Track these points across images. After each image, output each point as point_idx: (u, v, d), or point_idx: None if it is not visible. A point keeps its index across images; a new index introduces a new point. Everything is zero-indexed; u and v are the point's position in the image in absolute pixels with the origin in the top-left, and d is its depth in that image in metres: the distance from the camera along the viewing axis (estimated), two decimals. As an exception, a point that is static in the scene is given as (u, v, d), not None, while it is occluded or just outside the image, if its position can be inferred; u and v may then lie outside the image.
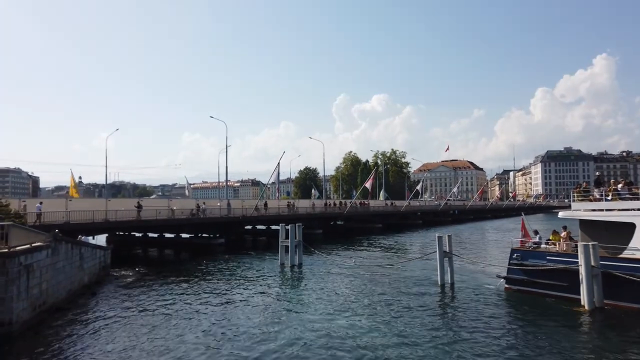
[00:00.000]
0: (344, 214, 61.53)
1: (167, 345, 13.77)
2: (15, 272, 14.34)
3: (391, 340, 13.93)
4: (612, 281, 16.80)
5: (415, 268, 27.49)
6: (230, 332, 15.12)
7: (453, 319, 16.39)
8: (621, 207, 18.35)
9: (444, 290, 21.39)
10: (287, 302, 19.71)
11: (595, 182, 21.44)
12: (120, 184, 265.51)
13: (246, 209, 46.92)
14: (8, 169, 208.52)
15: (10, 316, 14.11)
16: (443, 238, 22.40)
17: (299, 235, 29.93)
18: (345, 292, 21.40)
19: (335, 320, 16.33)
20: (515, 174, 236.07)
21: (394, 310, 17.68)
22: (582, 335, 14.85)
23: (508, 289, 20.48)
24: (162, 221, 37.70)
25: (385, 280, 24.10)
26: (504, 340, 13.88)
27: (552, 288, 18.70)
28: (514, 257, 20.36)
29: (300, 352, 13.05)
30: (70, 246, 20.42)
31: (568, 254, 18.67)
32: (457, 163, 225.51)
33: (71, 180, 45.90)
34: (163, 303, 19.53)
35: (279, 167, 49.03)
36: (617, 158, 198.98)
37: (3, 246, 14.52)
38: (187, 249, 41.22)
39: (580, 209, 19.89)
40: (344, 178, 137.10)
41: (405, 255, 36.33)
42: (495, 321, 15.98)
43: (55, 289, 17.98)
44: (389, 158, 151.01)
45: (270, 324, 16.07)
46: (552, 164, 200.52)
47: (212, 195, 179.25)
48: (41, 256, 16.57)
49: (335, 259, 32.34)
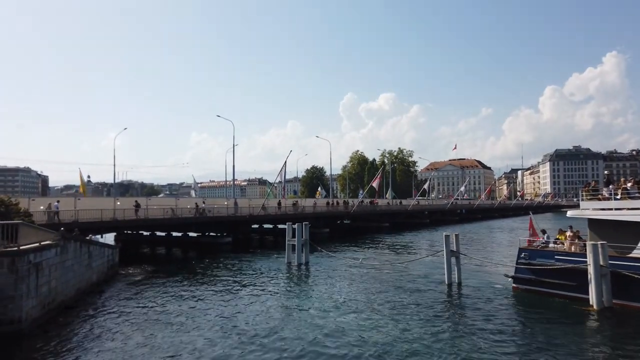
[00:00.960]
0: (350, 213, 61.46)
1: (176, 343, 13.84)
2: (24, 270, 14.48)
3: (397, 338, 13.91)
4: (621, 281, 16.64)
5: (422, 267, 27.40)
6: (238, 329, 15.16)
7: (460, 318, 16.32)
8: (630, 206, 18.17)
9: (451, 289, 21.31)
10: (294, 300, 19.73)
11: (605, 181, 21.25)
12: (128, 183, 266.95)
13: (253, 208, 47.06)
14: (18, 168, 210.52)
15: (20, 314, 14.24)
16: (450, 237, 22.32)
17: (305, 234, 29.95)
18: (351, 290, 21.39)
19: (342, 318, 16.33)
20: (524, 173, 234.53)
21: (400, 309, 17.64)
22: (591, 335, 14.73)
23: (516, 289, 20.36)
24: (168, 220, 37.89)
25: (392, 279, 24.06)
26: (511, 339, 13.80)
27: (560, 288, 18.56)
28: (522, 256, 20.23)
29: (307, 348, 13.07)
30: (79, 245, 20.57)
31: (576, 254, 18.52)
32: (465, 162, 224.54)
33: (80, 179, 46.20)
34: (171, 301, 19.63)
35: (285, 166, 49.10)
36: (627, 157, 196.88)
37: (12, 244, 14.67)
38: (194, 248, 41.43)
39: (589, 208, 19.72)
40: (350, 177, 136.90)
41: (412, 254, 36.24)
42: (502, 321, 15.89)
43: (64, 287, 18.12)
44: (396, 157, 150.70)
45: (278, 321, 16.09)
46: (561, 163, 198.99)
47: (219, 194, 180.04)
48: (50, 254, 16.72)
49: (341, 258, 32.33)
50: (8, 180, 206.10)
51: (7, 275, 14.10)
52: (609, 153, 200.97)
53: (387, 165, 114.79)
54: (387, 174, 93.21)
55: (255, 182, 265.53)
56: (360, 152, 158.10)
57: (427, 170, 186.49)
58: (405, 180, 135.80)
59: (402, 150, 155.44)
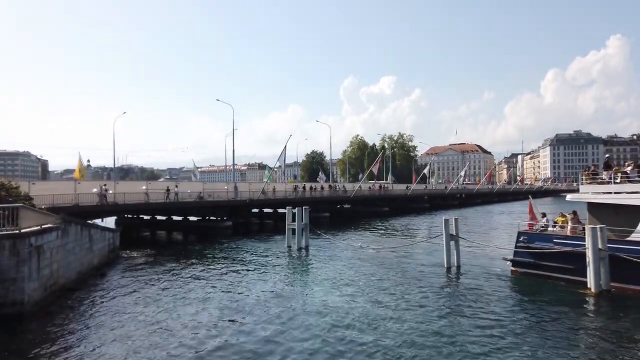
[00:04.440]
0: (350, 197, 61.57)
1: (177, 325, 13.98)
2: (26, 253, 14.56)
3: (395, 320, 14.03)
4: (619, 264, 16.73)
5: (421, 251, 27.55)
6: (238, 312, 15.30)
7: (458, 301, 16.45)
8: (630, 190, 18.18)
9: (450, 272, 21.45)
10: (293, 283, 19.88)
11: (605, 164, 21.23)
12: (128, 167, 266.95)
13: (253, 192, 47.12)
14: (17, 152, 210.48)
15: (22, 296, 14.36)
16: (450, 221, 22.38)
17: (305, 218, 30.04)
18: (351, 274, 21.53)
19: (341, 301, 16.45)
20: (524, 157, 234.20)
21: (399, 292, 17.78)
22: (588, 318, 14.86)
23: (514, 272, 20.48)
24: (169, 204, 37.99)
25: (392, 263, 24.21)
26: (509, 322, 13.93)
27: (558, 271, 18.67)
28: (521, 239, 20.30)
29: (306, 331, 13.20)
30: (79, 228, 20.65)
31: (575, 237, 18.58)
32: (465, 147, 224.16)
33: (79, 163, 46.08)
34: (172, 284, 19.78)
35: (285, 150, 49.01)
36: (627, 141, 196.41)
37: (14, 227, 14.73)
38: (194, 232, 41.60)
39: (588, 191, 19.74)
40: (350, 162, 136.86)
41: (412, 238, 36.40)
42: (501, 303, 16.03)
43: (65, 269, 18.25)
44: (396, 142, 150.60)
45: (277, 304, 16.22)
46: (561, 148, 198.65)
47: (219, 178, 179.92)
48: (51, 237, 16.79)
49: (341, 242, 32.48)
50: (7, 165, 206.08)
51: (9, 257, 14.19)
52: (610, 138, 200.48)
53: (387, 150, 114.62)
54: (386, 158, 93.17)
55: (255, 167, 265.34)
56: (360, 137, 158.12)
57: (427, 155, 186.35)
58: (405, 165, 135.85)
59: (402, 135, 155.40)
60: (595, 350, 11.79)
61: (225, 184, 53.44)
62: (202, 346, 12.19)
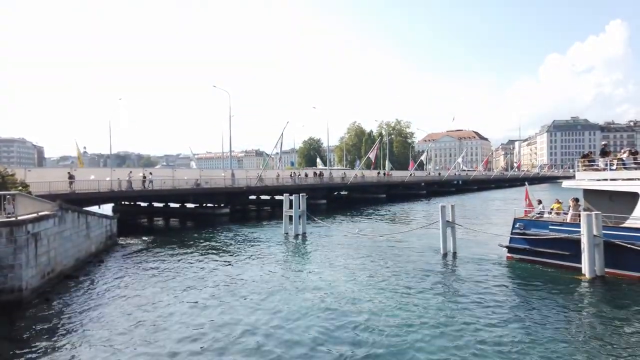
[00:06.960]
0: (347, 184, 61.67)
1: (175, 311, 14.07)
2: (23, 240, 14.57)
3: (390, 306, 14.16)
4: (614, 250, 16.88)
5: (418, 237, 27.68)
6: (235, 298, 15.40)
7: (454, 287, 16.59)
8: (625, 177, 18.27)
9: (446, 259, 21.61)
10: (290, 270, 19.99)
11: (601, 151, 21.28)
12: (125, 154, 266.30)
13: (250, 179, 47.13)
14: (13, 138, 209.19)
15: (20, 283, 14.42)
16: (446, 207, 22.47)
17: (302, 205, 30.10)
18: (348, 260, 21.66)
19: (338, 287, 16.58)
20: (521, 144, 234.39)
21: (395, 278, 17.91)
22: (581, 303, 15.02)
23: (510, 258, 20.65)
24: (166, 191, 37.98)
25: (388, 249, 24.35)
26: (504, 307, 14.08)
27: (554, 257, 18.82)
28: (517, 226, 20.42)
29: (302, 317, 13.32)
30: (76, 215, 20.65)
31: (570, 223, 18.70)
32: (462, 133, 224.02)
33: (76, 150, 45.93)
34: (169, 270, 19.88)
35: (282, 137, 48.94)
36: (624, 128, 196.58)
37: (10, 215, 14.73)
38: (191, 219, 41.68)
39: (584, 178, 19.84)
40: (347, 148, 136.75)
41: (409, 224, 36.56)
42: (496, 289, 16.17)
43: (63, 257, 18.30)
44: (394, 128, 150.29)
45: (274, 290, 16.32)
46: (558, 134, 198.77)
47: (217, 165, 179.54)
48: (48, 224, 16.80)
49: (338, 229, 32.60)
50: (3, 151, 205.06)
51: (6, 245, 14.22)
52: (607, 124, 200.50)
53: (384, 136, 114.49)
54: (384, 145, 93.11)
55: (252, 154, 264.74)
56: (358, 124, 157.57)
57: (424, 142, 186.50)
58: (403, 152, 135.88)
59: (399, 122, 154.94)
60: (587, 334, 11.94)
61: (222, 170, 53.39)
62: (201, 328, 12.33)
